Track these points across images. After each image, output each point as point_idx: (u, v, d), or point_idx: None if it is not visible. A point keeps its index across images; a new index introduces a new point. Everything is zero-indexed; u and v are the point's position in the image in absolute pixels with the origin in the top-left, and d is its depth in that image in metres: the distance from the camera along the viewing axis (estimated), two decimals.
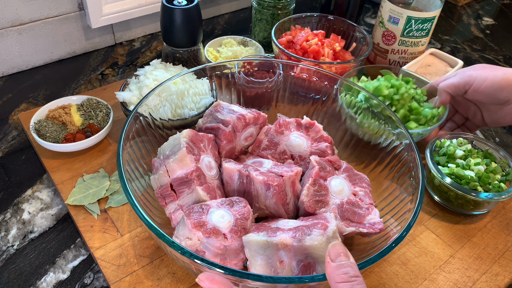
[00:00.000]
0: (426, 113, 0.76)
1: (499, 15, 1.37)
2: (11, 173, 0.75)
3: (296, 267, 0.50)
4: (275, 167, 0.62)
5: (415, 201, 0.56)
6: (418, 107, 0.77)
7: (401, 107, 0.76)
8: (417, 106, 0.77)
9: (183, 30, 0.82)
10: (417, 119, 0.77)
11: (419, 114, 0.77)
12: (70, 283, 0.61)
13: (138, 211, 0.51)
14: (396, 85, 0.76)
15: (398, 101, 0.76)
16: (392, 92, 0.75)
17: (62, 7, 0.94)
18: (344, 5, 1.05)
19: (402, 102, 0.76)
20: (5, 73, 0.95)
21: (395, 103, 0.76)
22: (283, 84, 0.78)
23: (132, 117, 0.62)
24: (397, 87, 0.76)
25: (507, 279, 0.65)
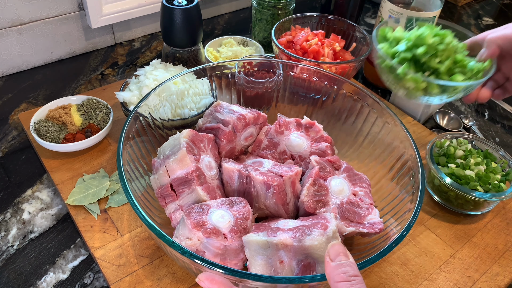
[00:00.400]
0: (472, 66, 0.68)
1: (499, 15, 1.37)
2: (11, 173, 0.75)
3: (296, 267, 0.50)
4: (275, 167, 0.62)
5: (415, 201, 0.56)
6: (464, 59, 0.69)
7: (446, 59, 0.68)
8: (462, 57, 0.69)
9: (183, 30, 0.82)
10: (463, 72, 0.69)
11: (464, 67, 0.68)
12: (70, 283, 0.61)
13: (138, 211, 0.51)
14: (441, 34, 0.68)
15: (443, 51, 0.67)
16: (437, 41, 0.67)
17: (62, 7, 0.94)
18: (344, 5, 1.05)
19: (447, 53, 0.68)
20: (5, 73, 0.95)
21: (440, 54, 0.67)
22: (283, 84, 0.78)
23: (132, 117, 0.62)
24: (442, 36, 0.68)
25: (507, 279, 0.65)
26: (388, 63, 0.67)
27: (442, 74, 0.66)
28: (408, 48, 0.66)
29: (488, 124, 0.95)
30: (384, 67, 0.68)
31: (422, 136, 0.87)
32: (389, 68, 0.67)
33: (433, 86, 0.64)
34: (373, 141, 0.71)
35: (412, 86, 0.65)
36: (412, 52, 0.66)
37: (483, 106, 0.99)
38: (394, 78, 0.67)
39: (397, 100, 0.94)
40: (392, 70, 0.67)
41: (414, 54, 0.65)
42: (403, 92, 0.68)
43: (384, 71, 0.69)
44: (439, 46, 0.67)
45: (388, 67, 0.67)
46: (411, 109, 0.92)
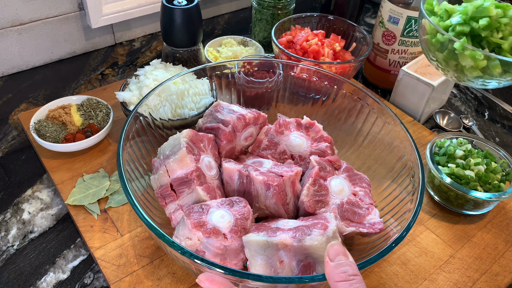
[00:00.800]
0: None
1: None
2: (11, 173, 0.75)
3: (296, 267, 0.50)
4: (275, 167, 0.62)
5: (415, 201, 0.56)
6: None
7: (509, 34, 0.61)
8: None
9: (183, 30, 0.82)
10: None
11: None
12: (70, 283, 0.61)
13: (138, 211, 0.51)
14: (503, 6, 0.61)
15: (506, 26, 0.60)
16: (499, 13, 0.60)
17: (62, 7, 0.94)
18: (344, 5, 1.05)
19: (509, 28, 0.61)
20: (5, 73, 0.95)
21: (502, 29, 0.60)
22: (283, 84, 0.78)
23: (132, 117, 0.62)
24: (504, 8, 0.61)
25: (507, 279, 0.65)
26: (441, 37, 0.59)
27: (504, 51, 0.59)
28: (464, 21, 0.59)
29: (488, 124, 0.95)
30: (435, 42, 0.61)
31: (422, 136, 0.87)
32: (441, 44, 0.60)
33: (495, 65, 0.57)
34: (373, 141, 0.71)
35: (470, 64, 0.58)
36: (469, 25, 0.58)
37: (483, 106, 0.99)
38: (447, 56, 0.60)
39: (397, 100, 0.94)
40: (444, 46, 0.60)
41: (473, 27, 0.58)
42: (453, 74, 0.62)
43: (433, 48, 0.62)
44: (502, 19, 0.60)
45: (440, 43, 0.60)
46: (411, 109, 0.92)
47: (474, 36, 0.60)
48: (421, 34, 0.64)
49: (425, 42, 0.63)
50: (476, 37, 0.60)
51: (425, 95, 0.87)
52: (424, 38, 0.64)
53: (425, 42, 0.63)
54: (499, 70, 0.58)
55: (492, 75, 0.60)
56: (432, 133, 0.88)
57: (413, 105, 0.91)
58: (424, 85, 0.86)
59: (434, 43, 0.62)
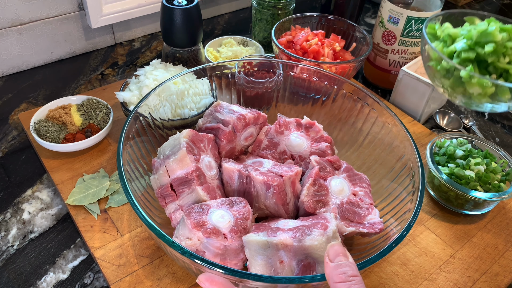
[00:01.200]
0: None
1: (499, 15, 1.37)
2: (11, 173, 0.75)
3: (296, 267, 0.50)
4: (275, 167, 0.62)
5: (415, 201, 0.56)
6: None
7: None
8: None
9: (183, 30, 0.82)
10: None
11: None
12: (70, 283, 0.61)
13: (138, 211, 0.51)
14: (508, 29, 0.59)
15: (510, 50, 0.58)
16: (505, 37, 0.58)
17: (62, 7, 0.94)
18: (344, 5, 1.05)
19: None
20: (5, 73, 0.95)
21: (509, 53, 0.58)
22: (283, 84, 0.78)
23: (132, 117, 0.62)
24: (509, 32, 0.59)
25: (507, 279, 0.65)
26: (447, 64, 0.57)
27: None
28: (469, 46, 0.57)
29: (488, 124, 0.95)
30: (440, 70, 0.58)
31: (422, 136, 0.87)
32: (446, 71, 0.58)
33: (504, 91, 0.55)
34: (373, 141, 0.71)
35: (478, 91, 0.56)
36: (475, 51, 0.56)
37: None
38: (454, 83, 0.57)
39: (397, 100, 0.94)
40: (450, 73, 0.57)
41: (478, 53, 0.56)
42: (461, 99, 0.59)
43: (439, 75, 0.59)
44: (508, 43, 0.57)
45: (445, 70, 0.58)
46: (411, 109, 0.92)
47: (480, 61, 0.58)
48: (425, 60, 0.62)
49: (430, 69, 0.61)
50: (482, 62, 0.57)
51: (425, 95, 0.87)
52: (428, 65, 0.62)
53: (430, 69, 0.61)
54: (509, 96, 0.57)
55: (501, 101, 0.59)
56: (432, 133, 0.88)
57: (413, 105, 0.91)
58: (424, 85, 0.86)
59: (439, 70, 0.60)
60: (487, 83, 0.55)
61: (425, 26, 0.66)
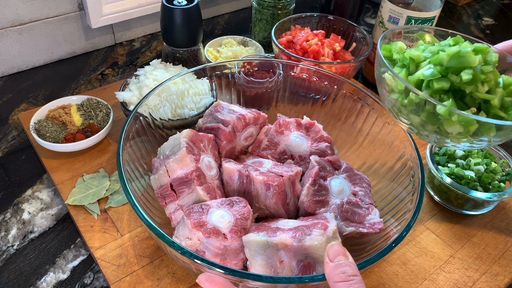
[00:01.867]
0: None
1: (499, 15, 1.37)
2: (11, 173, 0.75)
3: (296, 267, 0.50)
4: (275, 167, 0.62)
5: (415, 201, 0.56)
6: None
7: (496, 85, 0.48)
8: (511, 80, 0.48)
9: (183, 30, 0.82)
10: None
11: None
12: (70, 283, 0.61)
13: (138, 211, 0.51)
14: (482, 49, 0.48)
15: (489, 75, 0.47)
16: (481, 60, 0.47)
17: (62, 7, 0.94)
18: (344, 5, 1.05)
19: (493, 76, 0.47)
20: (5, 73, 0.95)
21: (487, 80, 0.47)
22: (283, 84, 0.78)
23: (132, 117, 0.62)
24: (483, 52, 0.48)
25: (507, 279, 0.65)
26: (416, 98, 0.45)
27: (494, 108, 0.47)
28: (440, 73, 0.46)
29: None
30: (408, 104, 0.47)
31: None
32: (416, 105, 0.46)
33: (490, 128, 0.45)
34: (373, 141, 0.71)
35: (458, 130, 0.45)
36: (448, 78, 0.45)
37: None
38: (426, 120, 0.46)
39: None
40: (420, 109, 0.46)
41: (453, 81, 0.45)
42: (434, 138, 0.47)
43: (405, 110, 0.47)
44: (484, 67, 0.46)
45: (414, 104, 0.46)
46: None
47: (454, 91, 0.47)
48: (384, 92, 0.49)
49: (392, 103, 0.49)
50: (457, 91, 0.47)
51: None
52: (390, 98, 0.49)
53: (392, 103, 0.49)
54: (493, 133, 0.47)
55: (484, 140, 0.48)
56: None
57: None
58: None
59: (406, 104, 0.48)
60: (471, 121, 0.44)
61: (379, 47, 0.53)
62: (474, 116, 0.44)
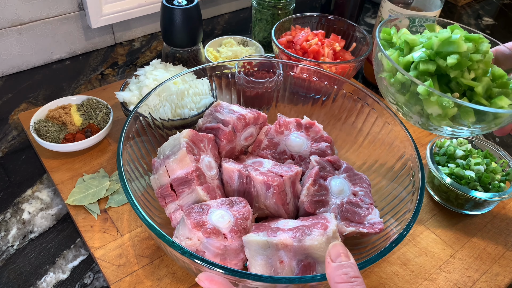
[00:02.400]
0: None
1: (499, 15, 1.37)
2: (11, 173, 0.75)
3: (296, 267, 0.50)
4: (275, 167, 0.62)
5: (415, 201, 0.56)
6: (505, 75, 0.50)
7: (483, 74, 0.49)
8: (503, 73, 0.50)
9: (183, 30, 0.82)
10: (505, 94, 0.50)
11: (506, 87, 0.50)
12: (70, 283, 0.61)
13: (138, 211, 0.51)
14: (475, 39, 0.49)
15: (479, 63, 0.48)
16: (471, 48, 0.48)
17: (62, 7, 0.94)
18: (344, 5, 1.05)
19: (483, 66, 0.49)
20: (5, 73, 0.95)
21: (474, 67, 0.48)
22: (283, 84, 0.78)
23: (132, 117, 0.62)
24: (476, 41, 0.49)
25: (507, 279, 0.65)
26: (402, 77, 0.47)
27: (478, 95, 0.48)
28: (429, 56, 0.48)
29: None
30: (395, 83, 0.49)
31: (422, 136, 0.87)
32: (401, 85, 0.48)
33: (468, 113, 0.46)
34: (373, 141, 0.71)
35: (437, 112, 0.47)
36: (435, 62, 0.47)
37: None
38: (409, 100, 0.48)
39: None
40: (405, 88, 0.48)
41: (439, 65, 0.47)
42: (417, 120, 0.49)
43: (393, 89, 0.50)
44: (474, 55, 0.48)
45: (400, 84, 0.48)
46: None
47: (441, 75, 0.48)
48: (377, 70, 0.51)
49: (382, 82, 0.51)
50: (443, 76, 0.48)
51: None
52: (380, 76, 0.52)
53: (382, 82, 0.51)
54: (473, 119, 0.47)
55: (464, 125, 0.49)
56: (432, 133, 0.88)
57: None
58: None
59: (393, 83, 0.50)
60: (448, 103, 0.45)
61: (378, 30, 0.56)
62: (450, 97, 0.45)
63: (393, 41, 0.54)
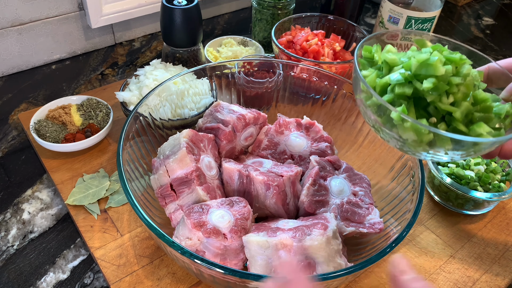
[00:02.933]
0: (500, 109, 0.47)
1: (499, 15, 1.37)
2: (11, 173, 0.75)
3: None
4: (275, 167, 0.62)
5: (415, 201, 0.56)
6: (487, 99, 0.47)
7: (463, 98, 0.46)
8: (486, 96, 0.47)
9: (183, 30, 0.82)
10: (486, 119, 0.46)
11: (488, 111, 0.46)
12: (70, 283, 0.61)
13: (138, 211, 0.51)
14: (455, 60, 0.46)
15: (459, 87, 0.46)
16: (449, 71, 0.45)
17: (62, 7, 0.94)
18: (344, 5, 1.05)
19: (463, 89, 0.46)
20: (5, 73, 0.95)
21: (453, 91, 0.45)
22: (283, 84, 0.78)
23: (132, 117, 0.62)
24: (457, 63, 0.46)
25: (507, 279, 0.65)
26: (376, 100, 0.45)
27: (457, 121, 0.45)
28: (406, 78, 0.45)
29: None
30: (371, 105, 0.46)
31: None
32: (377, 108, 0.46)
33: (444, 141, 0.44)
34: (373, 141, 0.71)
35: (412, 138, 0.44)
36: (412, 85, 0.45)
37: None
38: (385, 123, 0.46)
39: None
40: (381, 111, 0.45)
41: (416, 88, 0.44)
42: (396, 144, 0.46)
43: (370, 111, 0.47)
44: (453, 79, 0.45)
45: (376, 106, 0.46)
46: None
47: (418, 98, 0.46)
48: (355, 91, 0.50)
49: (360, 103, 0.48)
50: (421, 99, 0.45)
51: None
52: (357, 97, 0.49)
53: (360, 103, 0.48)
54: (449, 146, 0.45)
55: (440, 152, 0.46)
56: None
57: None
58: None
59: (369, 105, 0.47)
60: (423, 130, 0.43)
61: (359, 47, 0.52)
62: (422, 125, 0.42)
63: (375, 59, 0.51)
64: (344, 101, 0.75)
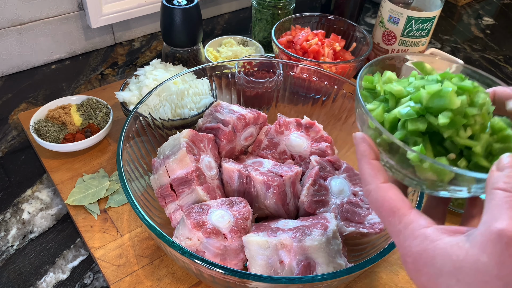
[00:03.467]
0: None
1: (499, 15, 1.37)
2: (11, 173, 0.75)
3: (296, 267, 0.50)
4: (275, 167, 0.62)
5: (415, 201, 0.56)
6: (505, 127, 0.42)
7: (481, 130, 0.42)
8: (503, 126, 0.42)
9: (183, 30, 0.82)
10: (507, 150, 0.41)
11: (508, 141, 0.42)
12: (70, 283, 0.61)
13: (138, 211, 0.51)
14: (469, 89, 0.42)
15: (475, 118, 0.41)
16: (464, 102, 0.40)
17: (62, 7, 0.94)
18: (344, 5, 1.05)
19: (480, 120, 0.41)
20: (5, 73, 0.95)
21: (471, 123, 0.41)
22: (283, 84, 0.78)
23: (132, 117, 0.62)
24: (471, 92, 0.42)
25: None
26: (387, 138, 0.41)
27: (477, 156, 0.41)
28: (417, 112, 0.40)
29: None
30: (381, 143, 0.42)
31: None
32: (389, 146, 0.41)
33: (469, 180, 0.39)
34: None
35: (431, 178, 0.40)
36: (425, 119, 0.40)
37: None
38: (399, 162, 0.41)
39: None
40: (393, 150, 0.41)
41: (431, 123, 0.40)
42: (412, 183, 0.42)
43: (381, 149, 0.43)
44: (469, 110, 0.40)
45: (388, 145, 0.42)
46: None
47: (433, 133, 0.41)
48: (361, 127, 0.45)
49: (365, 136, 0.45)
50: (436, 134, 0.41)
51: None
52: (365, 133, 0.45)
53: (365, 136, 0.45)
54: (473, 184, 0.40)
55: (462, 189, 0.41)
56: None
57: None
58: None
59: (380, 143, 0.43)
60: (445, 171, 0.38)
61: (359, 78, 0.47)
62: (445, 166, 0.38)
63: (377, 89, 0.46)
64: (344, 101, 0.75)
